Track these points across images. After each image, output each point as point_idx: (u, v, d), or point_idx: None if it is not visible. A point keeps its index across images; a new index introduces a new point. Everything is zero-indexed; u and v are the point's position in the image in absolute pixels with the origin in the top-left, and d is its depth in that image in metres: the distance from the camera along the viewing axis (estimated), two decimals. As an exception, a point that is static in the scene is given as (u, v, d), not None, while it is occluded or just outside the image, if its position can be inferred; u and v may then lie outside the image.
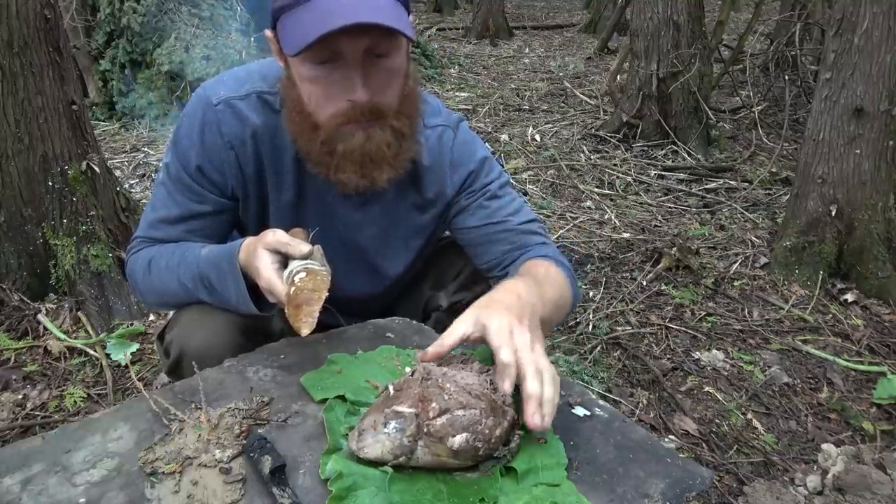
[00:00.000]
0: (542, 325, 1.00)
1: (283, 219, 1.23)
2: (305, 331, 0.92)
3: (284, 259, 1.03)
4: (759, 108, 4.96)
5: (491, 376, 0.87)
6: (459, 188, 1.27)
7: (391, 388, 0.85)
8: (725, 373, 2.27)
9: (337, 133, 1.07)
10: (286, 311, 0.95)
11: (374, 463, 0.79)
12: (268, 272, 1.00)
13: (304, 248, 1.01)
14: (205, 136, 1.16)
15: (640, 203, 3.76)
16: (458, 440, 0.78)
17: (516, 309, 0.95)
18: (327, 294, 0.95)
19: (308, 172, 1.19)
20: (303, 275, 0.97)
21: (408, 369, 0.92)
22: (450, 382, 0.83)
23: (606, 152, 4.53)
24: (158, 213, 1.22)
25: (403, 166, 1.14)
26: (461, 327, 0.92)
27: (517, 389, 0.86)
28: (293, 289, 0.96)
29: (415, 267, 1.38)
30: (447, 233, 1.37)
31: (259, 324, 1.18)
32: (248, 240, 1.08)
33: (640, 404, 2.10)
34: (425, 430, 0.78)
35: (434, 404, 0.79)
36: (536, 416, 0.82)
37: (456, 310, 1.32)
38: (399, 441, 0.78)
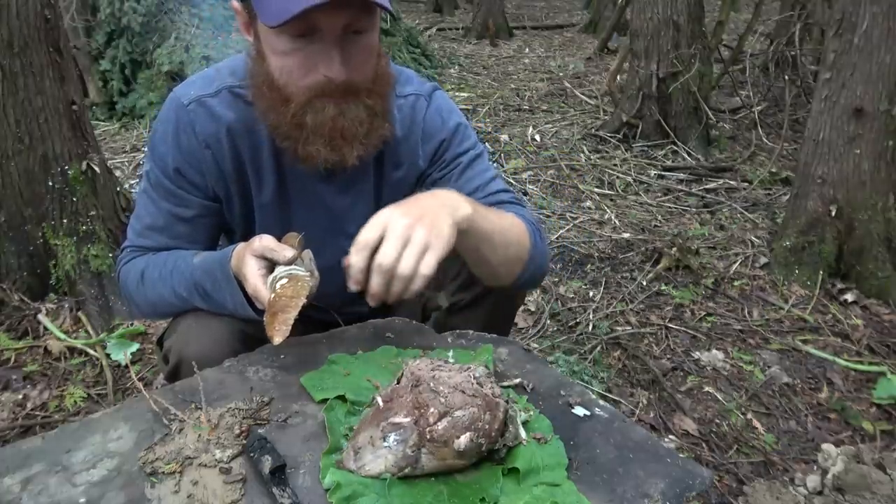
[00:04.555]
0: (476, 237, 1.00)
1: (268, 218, 1.22)
2: (278, 339, 0.91)
3: (272, 265, 1.02)
4: (759, 108, 4.95)
5: (472, 373, 0.86)
6: (431, 159, 1.24)
7: (380, 400, 0.83)
8: (725, 373, 2.27)
9: (308, 105, 1.05)
10: (265, 317, 0.95)
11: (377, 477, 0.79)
12: (254, 279, 1.00)
13: (288, 252, 1.00)
14: (179, 138, 1.15)
15: (640, 203, 3.76)
16: (463, 440, 0.77)
17: (430, 209, 0.94)
18: (305, 301, 0.94)
19: (288, 165, 1.17)
20: (284, 281, 0.97)
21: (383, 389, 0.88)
22: (442, 385, 0.82)
23: (606, 152, 4.53)
24: (144, 221, 1.21)
25: (375, 145, 1.12)
26: (366, 233, 0.92)
27: (500, 381, 0.84)
28: (273, 295, 0.95)
29: None
30: None
31: (257, 331, 1.16)
32: (239, 246, 1.08)
33: (640, 404, 2.10)
34: (428, 436, 0.77)
35: (432, 409, 0.79)
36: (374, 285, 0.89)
37: (456, 310, 1.32)
38: (402, 453, 0.78)
